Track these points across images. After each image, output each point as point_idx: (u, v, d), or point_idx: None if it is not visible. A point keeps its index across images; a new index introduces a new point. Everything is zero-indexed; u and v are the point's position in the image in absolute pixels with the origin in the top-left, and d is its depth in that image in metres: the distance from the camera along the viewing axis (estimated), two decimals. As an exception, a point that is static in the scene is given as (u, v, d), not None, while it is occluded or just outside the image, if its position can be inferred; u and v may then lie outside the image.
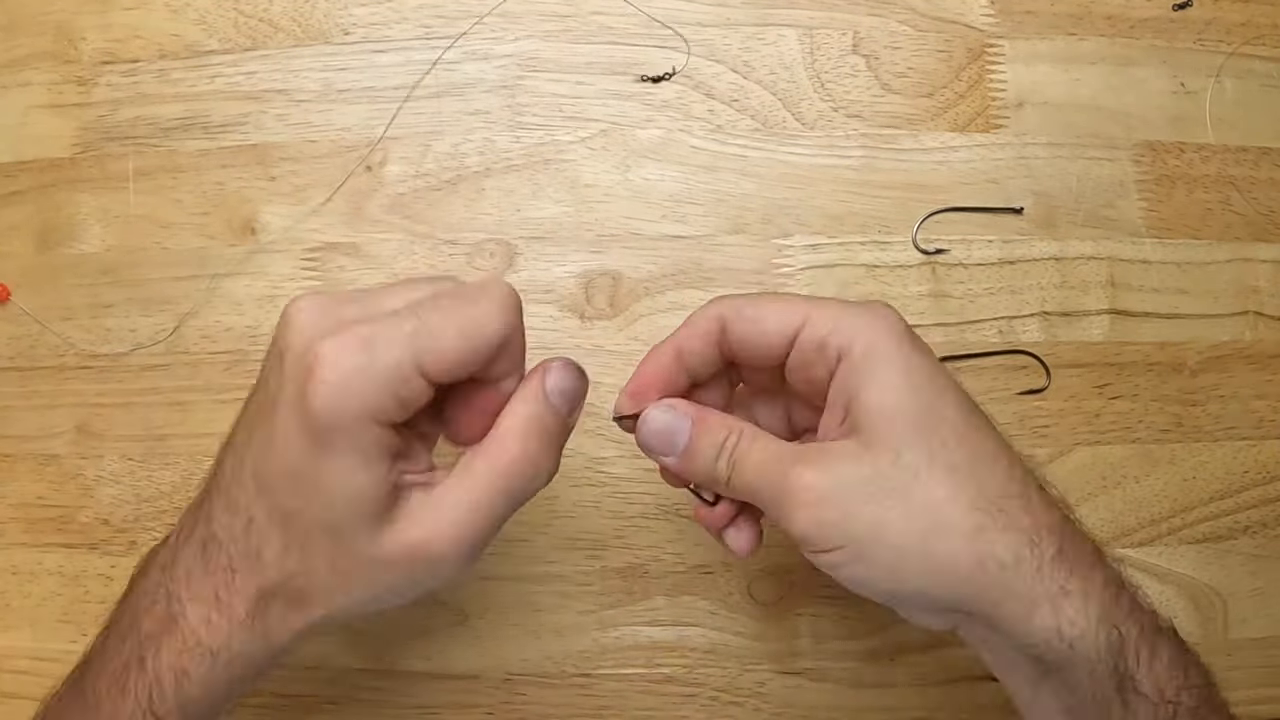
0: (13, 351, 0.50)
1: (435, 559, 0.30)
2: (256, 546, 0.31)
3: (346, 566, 0.30)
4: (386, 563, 0.30)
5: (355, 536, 0.30)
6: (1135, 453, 0.49)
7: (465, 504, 0.31)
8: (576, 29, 0.51)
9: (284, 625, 0.31)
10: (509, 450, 0.31)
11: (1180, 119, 0.51)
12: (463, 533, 0.30)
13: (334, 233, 0.49)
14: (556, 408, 0.32)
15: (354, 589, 0.31)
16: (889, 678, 0.47)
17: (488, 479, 0.31)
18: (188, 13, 0.51)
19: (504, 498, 0.31)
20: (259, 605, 0.31)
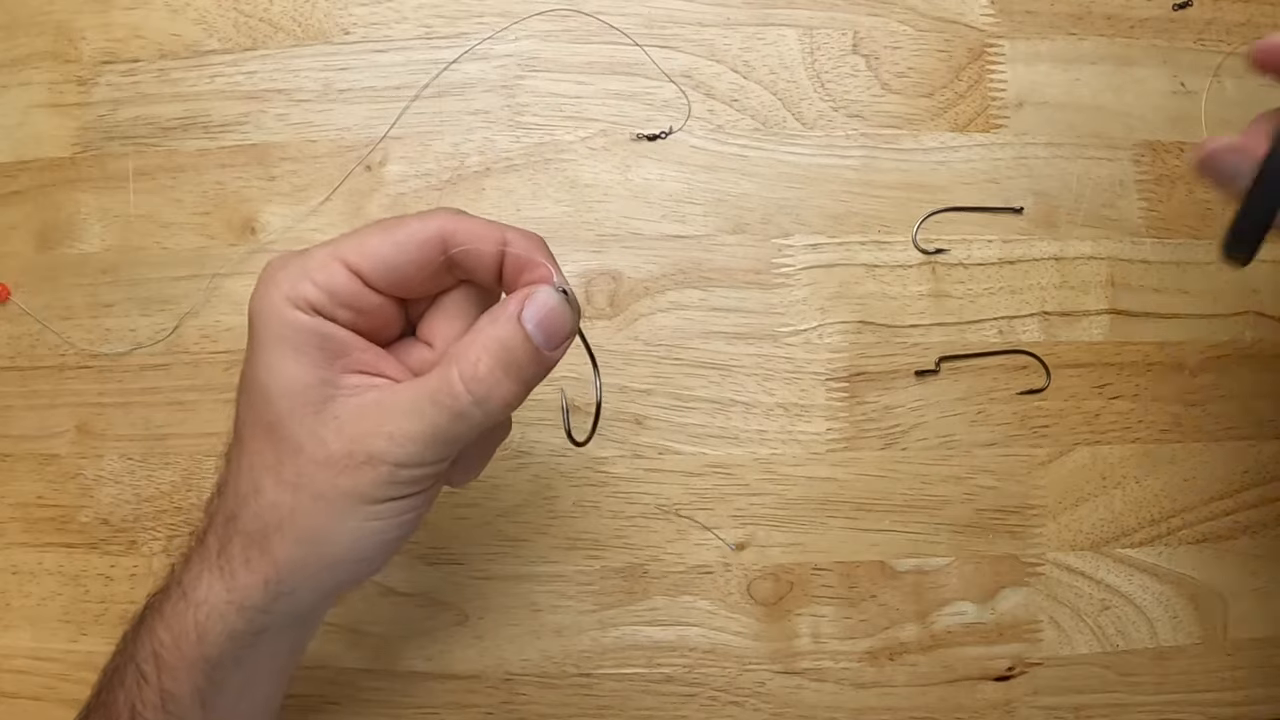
0: (13, 351, 0.50)
1: (373, 455, 0.29)
2: (225, 478, 0.32)
3: (290, 474, 0.30)
4: (327, 462, 0.29)
5: (295, 429, 0.30)
6: (1135, 453, 0.49)
7: (406, 407, 0.30)
8: (577, 29, 0.51)
9: (247, 566, 0.31)
10: (463, 362, 0.30)
11: (1180, 119, 0.51)
12: (400, 435, 0.29)
13: (334, 232, 0.49)
14: (530, 336, 0.30)
15: (300, 506, 0.30)
16: (889, 678, 0.47)
17: (432, 390, 0.30)
18: (188, 13, 0.51)
19: (447, 415, 0.30)
20: (224, 539, 0.31)
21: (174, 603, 0.31)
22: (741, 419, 0.48)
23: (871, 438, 0.48)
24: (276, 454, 0.30)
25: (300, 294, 0.30)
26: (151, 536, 0.48)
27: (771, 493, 0.48)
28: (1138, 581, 0.49)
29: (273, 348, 0.30)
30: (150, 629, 0.32)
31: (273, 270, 0.30)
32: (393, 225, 0.31)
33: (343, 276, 0.30)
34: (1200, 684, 0.48)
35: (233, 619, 0.31)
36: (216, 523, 0.32)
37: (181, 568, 0.32)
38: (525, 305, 0.30)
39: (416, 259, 0.31)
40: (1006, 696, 0.47)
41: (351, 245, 0.30)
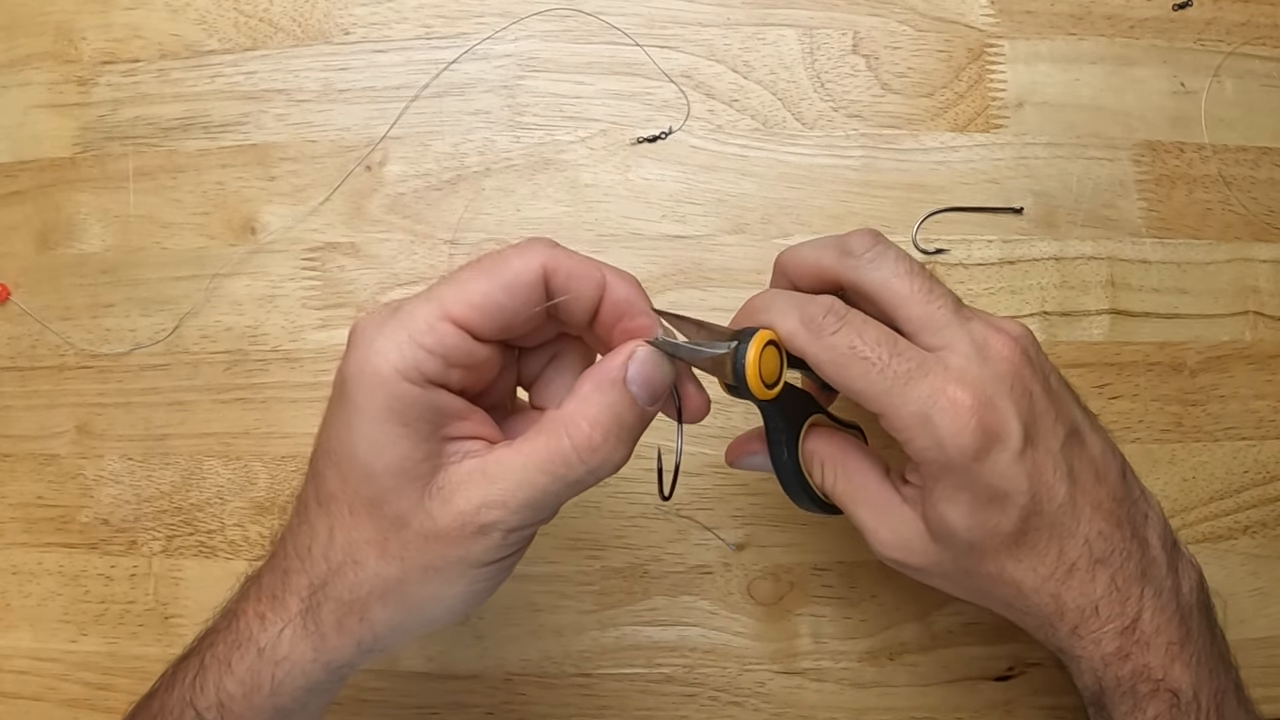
0: (13, 351, 0.50)
1: (485, 525, 0.29)
2: (307, 542, 0.30)
3: (396, 548, 0.29)
4: (436, 535, 0.29)
5: (399, 505, 0.29)
6: (1135, 453, 0.49)
7: (517, 478, 0.29)
8: (576, 29, 0.51)
9: (340, 630, 0.30)
10: (576, 433, 0.29)
11: (1180, 119, 0.51)
12: (514, 503, 0.29)
13: (334, 232, 0.49)
14: (636, 397, 0.30)
15: (408, 578, 0.29)
16: (889, 678, 0.47)
17: (544, 459, 0.29)
18: (188, 13, 0.51)
19: (561, 483, 0.29)
20: (312, 603, 0.30)
21: (245, 657, 0.30)
22: (742, 419, 0.48)
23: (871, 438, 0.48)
24: (379, 529, 0.29)
25: (412, 364, 0.28)
26: (151, 536, 0.48)
27: (772, 493, 0.48)
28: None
29: (378, 422, 0.28)
30: (216, 679, 0.31)
31: (370, 333, 0.28)
32: (494, 267, 0.29)
33: (453, 336, 0.28)
34: (1200, 684, 0.48)
35: (317, 674, 0.31)
36: (296, 583, 0.30)
37: (255, 624, 0.31)
38: (630, 365, 0.30)
39: (524, 302, 0.29)
40: (1006, 696, 0.47)
41: (455, 296, 0.29)
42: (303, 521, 0.31)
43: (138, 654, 0.48)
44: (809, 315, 0.32)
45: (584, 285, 0.30)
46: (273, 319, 0.49)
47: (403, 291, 0.49)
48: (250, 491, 0.48)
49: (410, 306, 0.29)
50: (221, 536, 0.48)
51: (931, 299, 0.33)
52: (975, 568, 0.33)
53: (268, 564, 0.32)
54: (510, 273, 0.29)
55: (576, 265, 0.30)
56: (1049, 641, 0.35)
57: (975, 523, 0.32)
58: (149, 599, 0.48)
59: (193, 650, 0.33)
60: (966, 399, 0.31)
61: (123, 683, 0.48)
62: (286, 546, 0.31)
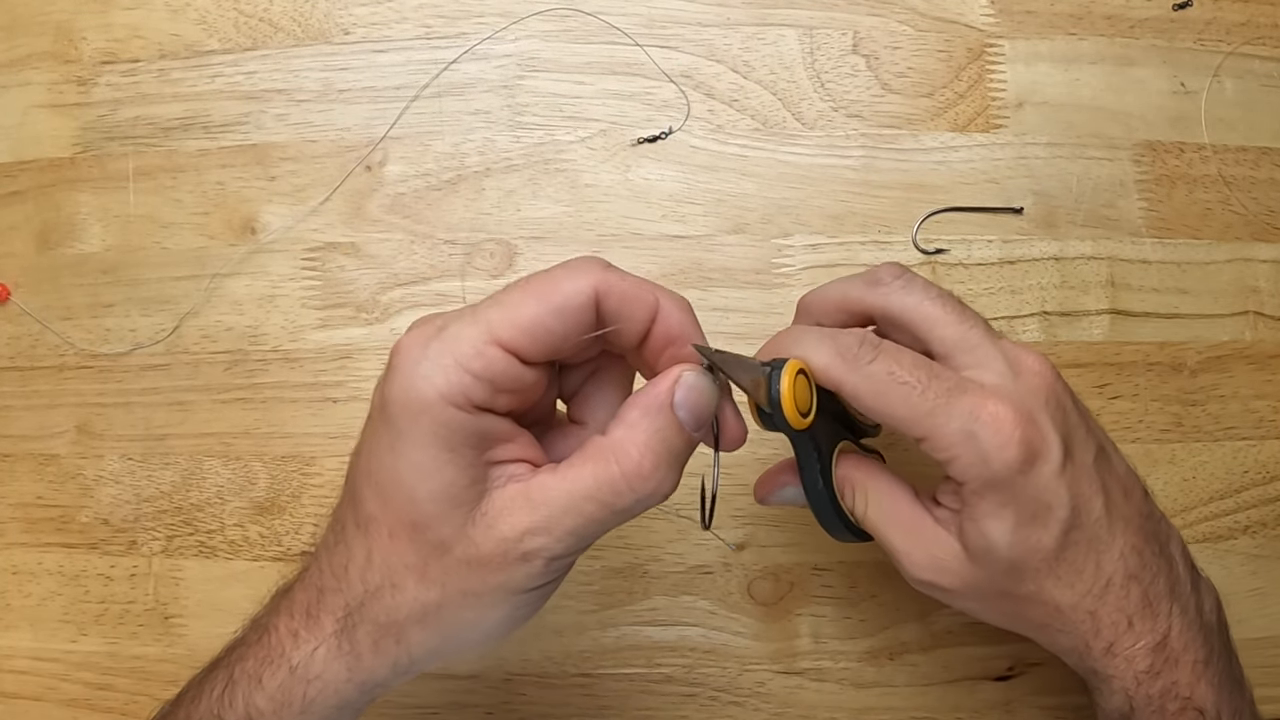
0: (13, 351, 0.50)
1: (528, 552, 0.28)
2: (344, 562, 0.30)
3: (436, 573, 0.28)
4: (478, 561, 0.28)
5: (441, 531, 0.28)
6: (1135, 453, 0.49)
7: (563, 505, 0.28)
8: (576, 29, 0.51)
9: (376, 651, 0.30)
10: (626, 460, 0.28)
11: (1180, 119, 0.51)
12: (559, 531, 0.28)
13: (334, 232, 0.49)
14: (684, 424, 0.29)
15: (448, 603, 0.29)
16: (889, 678, 0.47)
17: (592, 487, 0.28)
18: (188, 13, 0.51)
19: (608, 511, 0.29)
20: (347, 624, 0.30)
21: (276, 674, 0.30)
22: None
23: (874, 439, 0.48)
24: (419, 554, 0.29)
25: (459, 390, 0.27)
26: (151, 536, 0.48)
27: (771, 493, 0.48)
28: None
29: (423, 447, 0.27)
30: (246, 694, 0.30)
31: (414, 355, 0.28)
32: (544, 289, 0.28)
33: (501, 361, 0.28)
34: (1200, 684, 0.48)
35: (349, 694, 0.30)
36: (332, 603, 0.30)
37: (288, 641, 0.30)
38: (677, 391, 0.29)
39: (575, 326, 0.29)
40: (1006, 696, 0.47)
41: (503, 320, 0.28)
42: (339, 541, 0.30)
43: (138, 654, 0.48)
44: (844, 346, 0.32)
45: (637, 310, 0.29)
46: (273, 319, 0.49)
47: (403, 292, 0.49)
48: (250, 491, 0.48)
49: (456, 329, 0.28)
50: (221, 536, 0.48)
51: (964, 321, 0.34)
52: (1013, 588, 0.33)
53: (301, 580, 0.31)
54: (560, 296, 0.28)
55: (630, 289, 0.29)
56: (1081, 664, 0.34)
57: (1018, 539, 0.32)
58: (149, 599, 0.48)
59: (220, 663, 0.32)
60: (1009, 413, 0.31)
61: (123, 683, 0.48)
62: (322, 564, 0.31)
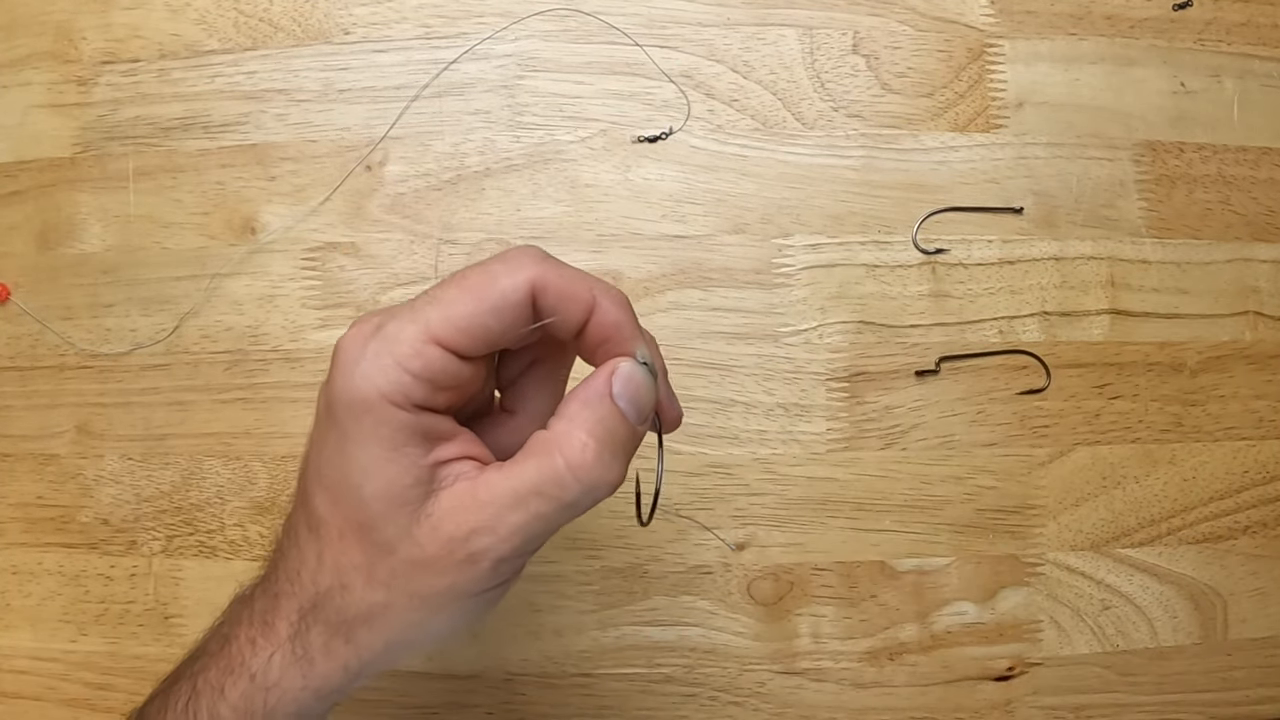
0: (13, 351, 0.50)
1: (474, 553, 0.28)
2: (297, 566, 0.30)
3: (383, 575, 0.29)
4: (425, 563, 0.28)
5: (388, 532, 0.28)
6: (1135, 453, 0.49)
7: (509, 501, 0.28)
8: (576, 29, 0.51)
9: (327, 655, 0.30)
10: (569, 451, 0.28)
11: (1180, 119, 0.51)
12: (505, 529, 0.28)
13: (334, 232, 0.49)
14: (625, 413, 0.29)
15: (394, 604, 0.29)
16: (889, 678, 0.47)
17: (537, 481, 0.28)
18: (188, 13, 0.51)
19: (555, 505, 0.28)
20: (300, 627, 0.30)
21: (238, 683, 0.30)
22: (741, 419, 0.48)
23: (871, 438, 0.48)
24: (366, 555, 0.29)
25: (399, 389, 0.27)
26: (151, 536, 0.48)
27: (771, 493, 0.48)
28: (1138, 581, 0.49)
29: (366, 446, 0.28)
30: (210, 705, 0.30)
31: (353, 354, 0.28)
32: (481, 286, 0.28)
33: (440, 360, 0.28)
34: (1200, 684, 0.48)
35: (306, 701, 0.30)
36: (286, 608, 0.30)
37: (247, 650, 0.30)
38: (614, 382, 0.29)
39: (511, 323, 0.28)
40: (1006, 696, 0.47)
41: (441, 318, 0.28)
42: (292, 545, 0.30)
43: (138, 654, 0.48)
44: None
45: (572, 307, 0.29)
46: (273, 319, 0.49)
47: (403, 292, 0.49)
48: (250, 491, 0.48)
49: (394, 327, 0.28)
50: (221, 536, 0.48)
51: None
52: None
53: (260, 587, 0.32)
54: (497, 293, 0.28)
55: (566, 285, 0.29)
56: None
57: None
58: (149, 599, 0.48)
59: (183, 675, 0.32)
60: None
61: (123, 683, 0.48)
62: (278, 570, 0.31)
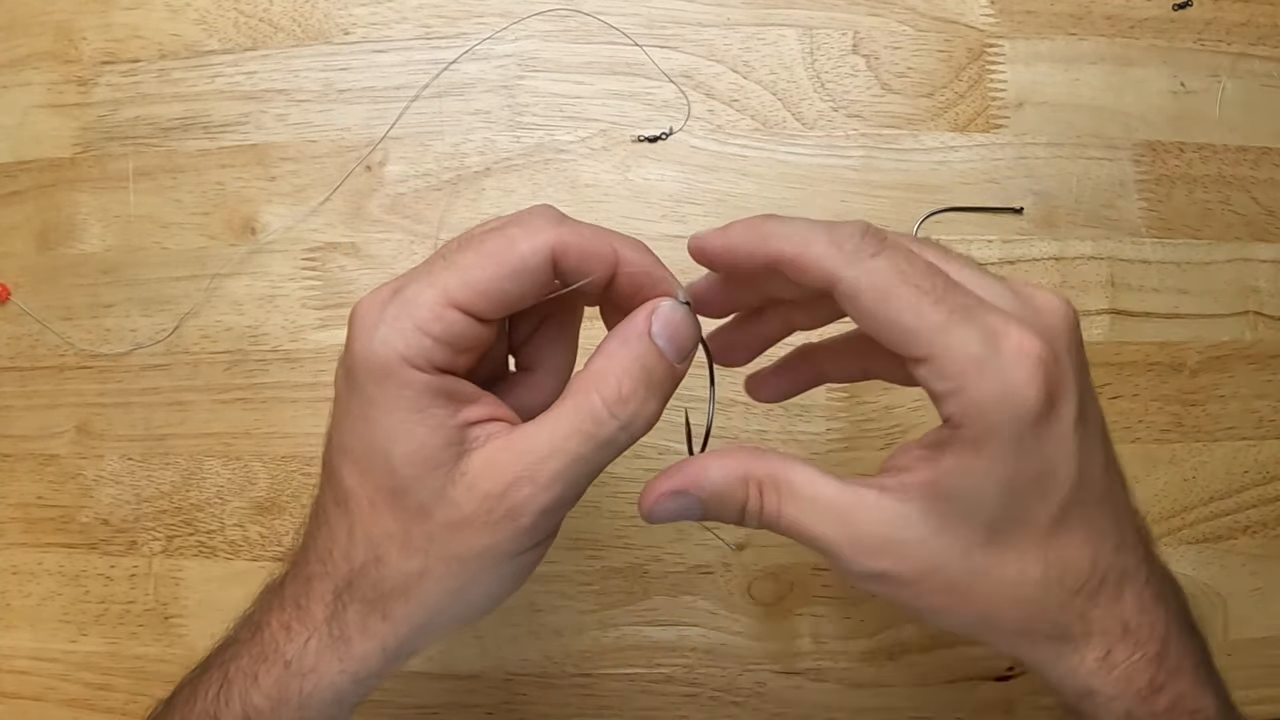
0: (13, 351, 0.50)
1: (515, 506, 0.27)
2: (328, 545, 0.29)
3: (419, 541, 0.28)
4: (462, 523, 0.27)
5: (421, 495, 0.27)
6: (1135, 453, 0.49)
7: (547, 447, 0.27)
8: (576, 29, 0.51)
9: (364, 634, 0.29)
10: (605, 388, 0.28)
11: (1180, 119, 0.51)
12: (545, 477, 0.27)
13: (334, 232, 0.49)
14: (663, 351, 0.29)
15: (432, 571, 0.28)
16: (889, 678, 0.47)
17: (574, 421, 0.28)
18: (188, 13, 0.51)
19: (593, 444, 0.28)
20: (336, 607, 0.29)
21: (271, 670, 0.29)
22: (741, 419, 0.48)
23: (872, 438, 0.48)
24: (400, 522, 0.28)
25: (419, 352, 0.27)
26: (151, 536, 0.48)
27: (771, 493, 0.48)
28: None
29: (391, 411, 0.27)
30: (243, 693, 0.30)
31: (372, 319, 0.27)
32: (500, 248, 0.28)
33: (460, 324, 0.27)
34: (1200, 684, 0.48)
35: (344, 686, 0.30)
36: (320, 589, 0.29)
37: (281, 636, 0.30)
38: (654, 320, 0.29)
39: (532, 287, 0.28)
40: (1006, 696, 0.47)
41: (459, 281, 0.27)
42: (321, 524, 0.30)
43: (138, 654, 0.48)
44: (842, 236, 0.27)
45: (596, 265, 0.29)
46: (273, 319, 0.49)
47: (403, 291, 0.49)
48: (250, 491, 0.48)
49: (413, 291, 0.27)
50: (221, 536, 0.48)
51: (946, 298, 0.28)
52: (991, 568, 0.27)
53: (290, 573, 0.31)
54: (516, 258, 0.27)
55: (586, 243, 0.28)
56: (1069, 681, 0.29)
57: (1012, 502, 0.27)
58: (149, 599, 0.48)
59: (213, 663, 0.32)
60: (1035, 346, 0.26)
61: (123, 683, 0.48)
62: (308, 553, 0.30)
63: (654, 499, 0.30)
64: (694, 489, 0.29)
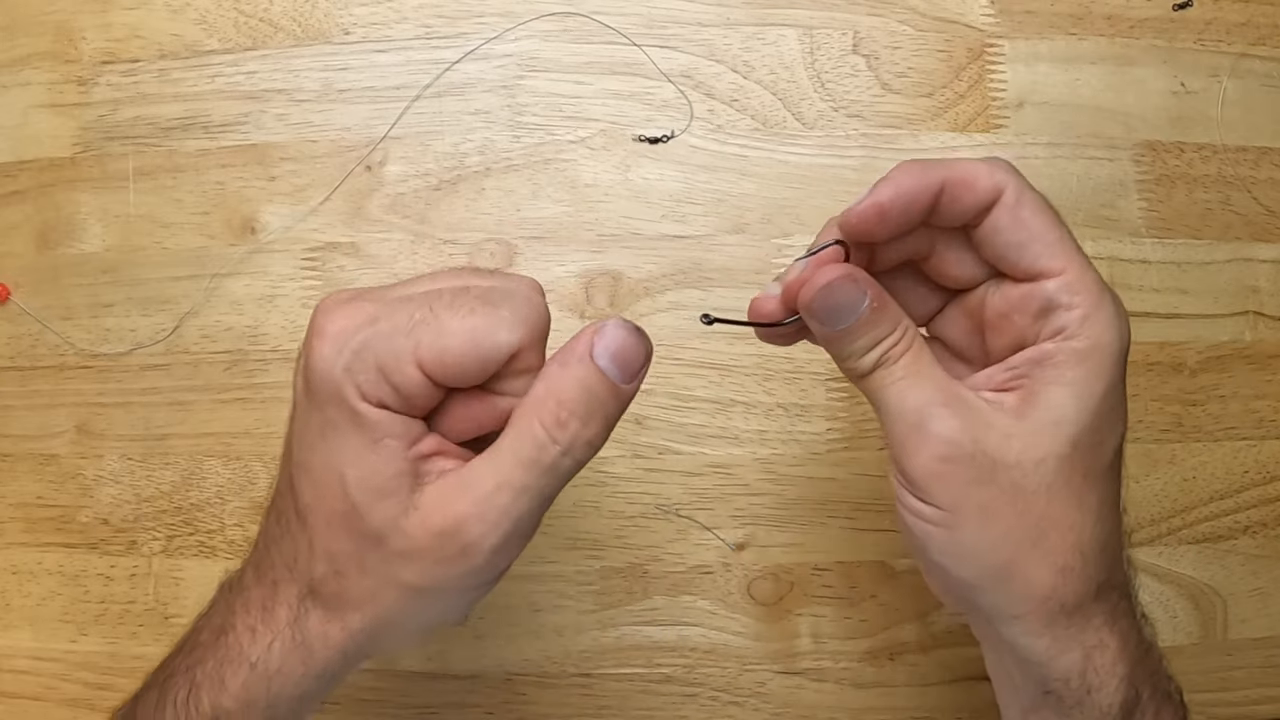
0: (13, 351, 0.50)
1: (467, 545, 0.28)
2: (292, 553, 0.30)
3: (374, 564, 0.28)
4: (414, 555, 0.28)
5: (375, 521, 0.28)
6: (1135, 453, 0.49)
7: (494, 482, 0.28)
8: (577, 29, 0.51)
9: (325, 637, 0.30)
10: (544, 413, 0.28)
11: (1180, 119, 0.51)
12: (494, 514, 0.28)
13: (334, 232, 0.49)
14: (605, 371, 0.29)
15: (386, 592, 0.29)
16: (889, 678, 0.47)
17: (517, 451, 0.28)
18: (188, 12, 0.51)
19: (536, 472, 0.28)
20: (300, 611, 0.30)
21: (239, 673, 0.30)
22: (741, 419, 0.48)
23: (872, 438, 0.48)
24: (355, 544, 0.29)
25: (376, 395, 0.28)
26: (151, 536, 0.48)
27: (771, 493, 0.48)
28: (1137, 581, 0.48)
29: (348, 436, 0.28)
30: (212, 697, 0.30)
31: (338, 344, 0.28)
32: (481, 331, 0.28)
33: (419, 384, 0.28)
34: (1199, 684, 0.48)
35: (309, 685, 0.30)
36: (285, 594, 0.30)
37: (246, 638, 0.30)
38: (595, 342, 0.29)
39: (492, 369, 0.28)
40: (1006, 696, 0.47)
41: (432, 348, 0.27)
42: (285, 533, 0.30)
43: (138, 654, 0.48)
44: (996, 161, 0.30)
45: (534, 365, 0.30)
46: (273, 319, 0.49)
47: (403, 291, 0.49)
48: (250, 491, 0.48)
49: (387, 329, 0.28)
50: (221, 536, 0.48)
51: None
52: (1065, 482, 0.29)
53: (253, 575, 0.31)
54: (492, 346, 0.28)
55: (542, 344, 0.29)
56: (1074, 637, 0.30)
57: (1096, 422, 0.29)
58: (149, 599, 0.48)
59: (177, 668, 0.32)
60: (1119, 300, 0.31)
61: (122, 683, 0.48)
62: (273, 557, 0.31)
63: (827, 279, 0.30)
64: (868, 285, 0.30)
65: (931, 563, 0.31)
